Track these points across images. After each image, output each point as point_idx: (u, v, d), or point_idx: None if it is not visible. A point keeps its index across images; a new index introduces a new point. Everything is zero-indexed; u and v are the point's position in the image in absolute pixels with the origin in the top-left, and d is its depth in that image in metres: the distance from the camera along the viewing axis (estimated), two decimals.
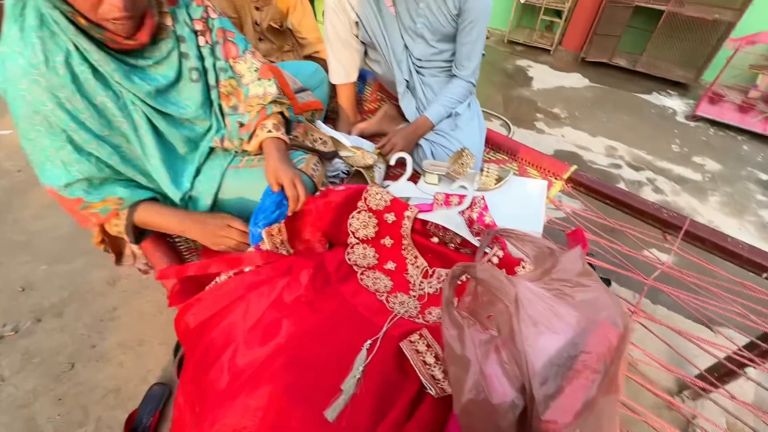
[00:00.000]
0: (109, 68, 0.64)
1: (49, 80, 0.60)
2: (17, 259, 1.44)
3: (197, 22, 0.75)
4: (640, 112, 3.16)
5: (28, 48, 0.58)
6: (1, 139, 2.02)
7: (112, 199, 0.69)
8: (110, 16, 0.58)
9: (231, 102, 0.82)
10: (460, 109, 1.09)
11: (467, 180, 0.84)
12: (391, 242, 0.78)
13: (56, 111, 0.61)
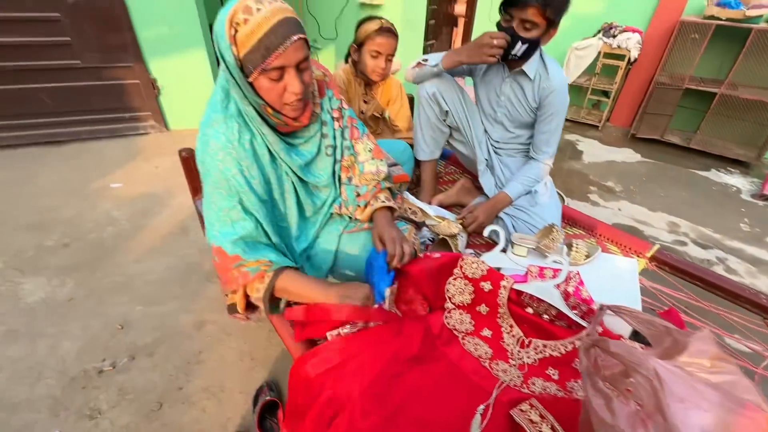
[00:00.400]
0: (277, 147, 0.83)
1: (238, 153, 0.78)
2: (118, 299, 1.61)
3: (335, 110, 0.94)
4: (700, 188, 3.10)
5: (229, 130, 0.78)
6: (113, 192, 2.34)
7: (263, 261, 0.79)
8: (289, 101, 0.77)
9: (348, 174, 0.98)
10: (537, 187, 1.19)
11: (556, 254, 0.89)
12: (487, 310, 0.83)
13: (237, 176, 0.78)
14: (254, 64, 0.71)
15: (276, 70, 0.72)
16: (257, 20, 0.68)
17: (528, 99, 1.16)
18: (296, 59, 0.73)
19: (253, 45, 0.69)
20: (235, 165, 0.78)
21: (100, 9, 2.53)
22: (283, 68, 0.73)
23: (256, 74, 0.72)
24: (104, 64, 2.71)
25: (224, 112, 0.79)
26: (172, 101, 3.03)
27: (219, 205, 0.79)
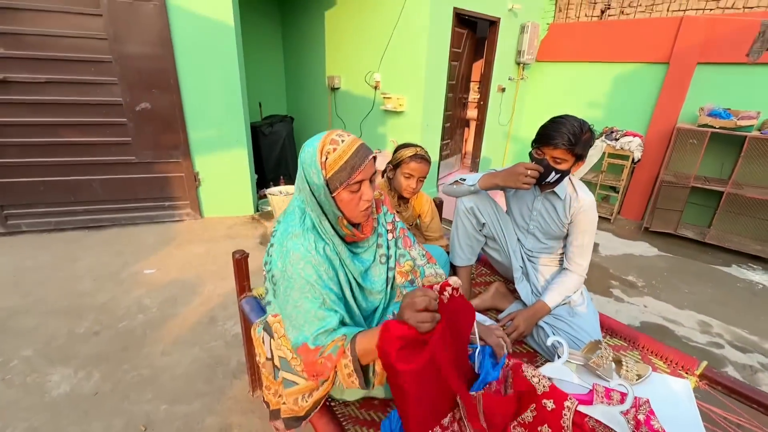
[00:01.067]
0: (344, 255, 0.94)
1: (317, 260, 0.88)
2: (143, 396, 1.57)
3: (389, 224, 1.09)
4: (724, 285, 3.06)
5: (306, 241, 0.89)
6: (145, 278, 2.42)
7: (338, 338, 0.83)
8: (363, 207, 0.90)
9: (409, 277, 1.07)
10: (574, 297, 1.23)
11: (606, 373, 0.89)
12: (549, 431, 0.81)
13: (318, 281, 0.87)
14: (341, 181, 0.87)
15: (357, 184, 0.88)
16: (343, 148, 0.87)
17: (560, 215, 1.27)
18: (370, 173, 0.91)
19: (340, 166, 0.86)
20: (315, 271, 0.87)
21: (162, 114, 2.91)
22: (361, 182, 0.89)
23: (340, 189, 0.87)
24: (156, 159, 3.02)
25: (302, 227, 0.91)
26: (209, 192, 3.28)
27: (306, 308, 0.85)
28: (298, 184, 0.94)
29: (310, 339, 0.84)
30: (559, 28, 4.58)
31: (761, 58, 2.98)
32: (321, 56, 4.69)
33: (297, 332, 0.86)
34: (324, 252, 0.91)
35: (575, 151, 1.15)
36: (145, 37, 2.70)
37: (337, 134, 0.89)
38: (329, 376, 0.84)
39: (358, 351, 0.81)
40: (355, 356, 0.81)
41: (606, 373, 0.91)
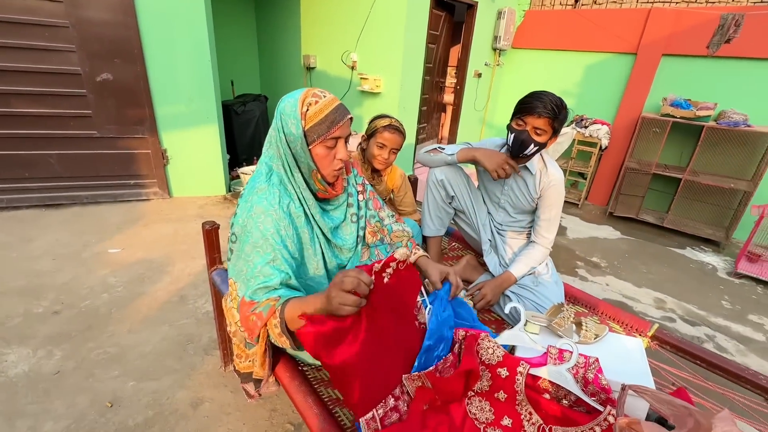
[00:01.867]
0: (314, 210, 0.96)
1: (278, 215, 0.88)
2: (109, 373, 1.53)
3: (359, 185, 1.12)
4: (679, 265, 3.27)
5: (271, 195, 0.89)
6: (110, 257, 2.33)
7: (272, 297, 0.82)
8: (337, 167, 0.93)
9: (378, 237, 1.11)
10: (539, 268, 1.28)
11: (567, 333, 0.95)
12: (505, 396, 0.85)
13: (274, 235, 0.86)
14: (319, 133, 0.88)
15: (333, 140, 0.90)
16: (324, 102, 0.89)
17: (530, 190, 1.32)
18: (346, 133, 0.93)
19: (320, 119, 0.88)
20: (274, 225, 0.87)
21: (125, 86, 2.75)
22: (338, 139, 0.91)
23: (317, 143, 0.89)
24: (119, 135, 2.87)
25: (267, 182, 0.92)
26: (178, 170, 3.16)
27: (254, 263, 0.85)
28: (271, 137, 0.93)
29: (248, 293, 0.83)
30: (534, 16, 4.64)
31: (719, 50, 3.14)
32: (296, 35, 4.55)
33: (243, 286, 0.85)
34: (288, 209, 0.91)
35: (554, 124, 1.19)
36: (106, 2, 2.52)
37: (318, 90, 0.91)
38: (258, 334, 0.83)
39: (286, 315, 0.79)
40: (283, 318, 0.79)
41: (567, 333, 0.97)
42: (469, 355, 0.85)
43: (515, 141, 1.23)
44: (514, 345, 0.96)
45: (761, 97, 3.47)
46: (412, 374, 0.82)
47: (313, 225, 0.97)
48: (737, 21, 2.90)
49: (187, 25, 2.78)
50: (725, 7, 3.50)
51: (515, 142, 1.24)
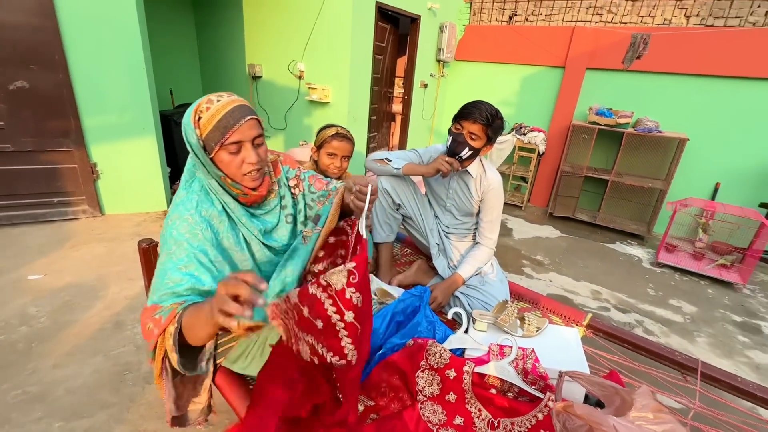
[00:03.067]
0: (239, 213, 0.93)
1: (194, 220, 0.86)
2: (30, 416, 1.36)
3: (293, 179, 1.08)
4: (610, 258, 3.58)
5: (189, 202, 0.87)
6: (30, 284, 2.08)
7: (177, 303, 0.75)
8: (247, 171, 0.88)
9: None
10: (485, 268, 1.35)
11: (511, 328, 1.00)
12: (455, 397, 0.88)
13: (191, 239, 0.84)
14: (215, 141, 0.84)
15: (233, 144, 0.85)
16: (216, 107, 0.85)
17: (472, 193, 1.39)
18: (251, 135, 0.87)
19: (213, 126, 0.84)
20: (188, 230, 0.85)
21: (45, 95, 2.51)
22: (240, 143, 0.86)
23: (216, 149, 0.85)
24: (39, 148, 2.59)
25: (187, 189, 0.91)
26: (111, 185, 2.92)
27: (166, 268, 0.81)
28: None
29: (156, 298, 0.77)
30: (474, 30, 4.91)
31: (633, 65, 3.52)
32: (240, 43, 4.43)
33: (153, 294, 0.79)
34: (207, 214, 0.89)
35: (488, 132, 1.27)
36: (19, 4, 2.29)
37: (216, 95, 0.87)
38: (155, 345, 0.73)
39: (183, 322, 0.71)
40: (180, 324, 0.71)
41: (511, 328, 1.02)
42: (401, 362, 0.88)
43: (453, 142, 1.32)
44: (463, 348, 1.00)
45: (668, 106, 3.94)
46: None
47: (240, 229, 0.94)
48: (645, 40, 3.28)
49: (116, 29, 2.60)
50: (635, 28, 3.95)
51: (452, 144, 1.32)
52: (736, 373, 2.18)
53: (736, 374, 0.98)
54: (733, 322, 2.74)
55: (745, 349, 2.46)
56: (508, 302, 1.08)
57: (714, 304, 2.97)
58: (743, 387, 0.93)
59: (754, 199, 3.69)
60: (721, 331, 2.63)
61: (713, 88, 3.72)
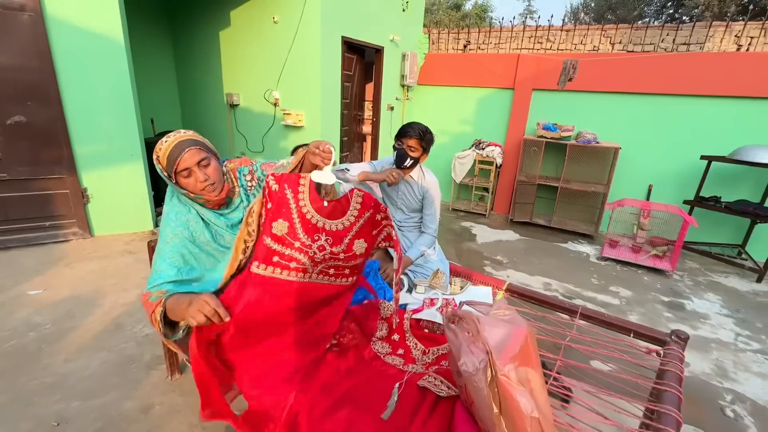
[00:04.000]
0: (208, 215, 1.22)
1: (174, 223, 1.17)
2: (49, 399, 1.57)
3: (247, 175, 1.33)
4: (562, 256, 4.01)
5: (171, 212, 1.19)
6: (31, 298, 2.28)
7: (162, 291, 1.09)
8: (200, 188, 1.15)
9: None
10: (429, 251, 1.71)
11: (442, 288, 1.33)
12: (398, 337, 1.20)
13: (173, 239, 1.15)
14: (170, 171, 1.12)
15: (184, 171, 1.12)
16: (165, 147, 1.12)
17: (415, 193, 1.76)
18: (194, 162, 1.12)
19: (166, 161, 1.11)
20: (172, 232, 1.16)
21: (40, 128, 2.75)
22: (188, 169, 1.12)
23: (174, 177, 1.13)
24: (33, 176, 2.81)
25: (170, 202, 1.21)
26: (100, 208, 3.14)
27: (158, 263, 1.14)
28: None
29: (149, 286, 1.12)
30: (433, 58, 5.45)
31: (566, 86, 4.07)
32: (218, 74, 4.78)
33: (148, 282, 1.14)
34: (185, 219, 1.18)
35: (422, 144, 1.67)
36: (18, 48, 2.57)
37: (167, 135, 1.14)
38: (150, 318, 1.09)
39: (168, 305, 1.05)
40: (164, 308, 1.05)
41: (442, 288, 1.36)
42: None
43: (397, 155, 1.72)
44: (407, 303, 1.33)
45: (604, 120, 4.51)
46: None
47: (212, 227, 1.23)
48: (574, 65, 3.83)
49: (107, 67, 2.89)
50: (569, 54, 4.55)
51: (397, 156, 1.72)
52: None
53: (605, 312, 1.34)
54: (661, 302, 3.18)
55: (668, 322, 2.88)
56: (439, 270, 1.42)
57: (647, 288, 3.42)
58: (608, 320, 1.30)
59: (680, 197, 4.24)
60: (651, 309, 3.05)
61: (639, 104, 4.32)
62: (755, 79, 3.73)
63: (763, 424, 1.99)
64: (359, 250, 1.04)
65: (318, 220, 1.07)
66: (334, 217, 1.06)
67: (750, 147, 3.65)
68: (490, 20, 15.94)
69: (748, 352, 2.61)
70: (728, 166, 3.95)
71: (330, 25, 3.85)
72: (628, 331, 1.30)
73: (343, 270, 1.05)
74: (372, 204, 1.08)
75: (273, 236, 1.05)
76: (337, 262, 1.05)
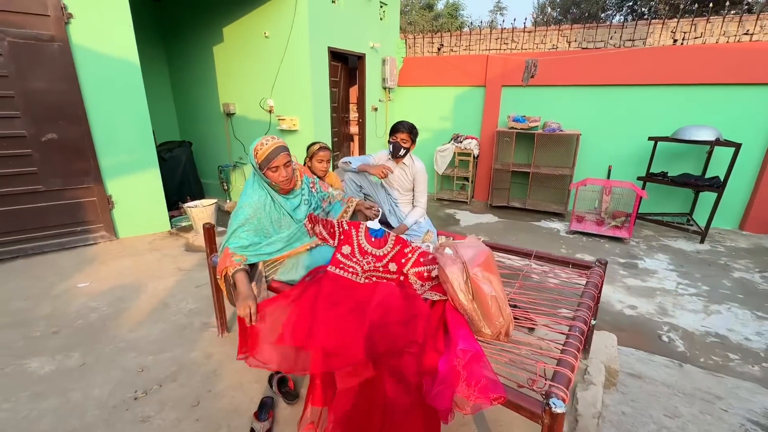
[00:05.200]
0: (278, 198, 1.69)
1: (257, 205, 1.63)
2: (127, 356, 1.97)
3: (311, 182, 1.86)
4: (535, 232, 4.54)
5: (252, 193, 1.65)
6: (82, 290, 2.64)
7: (243, 257, 1.60)
8: (280, 180, 1.63)
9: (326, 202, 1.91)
10: (421, 220, 2.20)
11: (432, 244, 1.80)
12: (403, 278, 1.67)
13: (251, 219, 1.62)
14: (263, 165, 1.61)
15: (274, 167, 1.61)
16: (263, 149, 1.60)
17: (407, 175, 2.26)
18: (282, 162, 1.62)
19: (264, 157, 1.60)
20: (252, 211, 1.64)
21: (70, 144, 3.10)
22: (277, 167, 1.61)
23: (266, 170, 1.61)
24: (66, 186, 3.16)
25: (252, 186, 1.69)
26: (124, 213, 3.50)
27: (238, 230, 1.63)
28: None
29: (231, 247, 1.61)
30: (411, 61, 5.93)
31: (531, 82, 4.60)
32: (213, 86, 5.14)
33: (229, 240, 1.63)
34: (262, 200, 1.66)
35: (411, 136, 2.19)
36: (50, 75, 2.92)
37: (266, 138, 1.64)
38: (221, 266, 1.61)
39: (235, 277, 1.56)
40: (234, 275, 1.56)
41: (432, 243, 1.82)
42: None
43: (393, 148, 2.22)
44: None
45: (565, 110, 5.07)
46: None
47: (279, 207, 1.71)
48: (535, 63, 4.37)
49: (125, 88, 3.26)
50: (530, 54, 5.09)
51: (393, 148, 2.23)
52: (613, 294, 3.07)
53: (551, 253, 1.84)
54: (618, 263, 3.73)
55: (623, 278, 3.43)
56: (429, 231, 1.89)
57: (608, 253, 3.97)
58: (553, 257, 1.79)
59: (635, 174, 4.82)
60: (609, 270, 3.59)
61: (594, 95, 4.89)
62: (690, 69, 4.33)
63: (689, 344, 2.54)
64: (392, 268, 1.63)
65: (367, 248, 1.67)
66: (377, 247, 1.67)
67: (688, 127, 4.25)
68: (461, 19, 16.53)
69: (685, 295, 3.17)
70: (673, 145, 4.55)
71: (317, 38, 4.28)
72: (567, 264, 1.80)
73: (381, 279, 1.61)
74: (401, 242, 1.69)
75: (342, 254, 1.67)
76: (377, 273, 1.63)
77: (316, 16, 4.21)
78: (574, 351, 1.12)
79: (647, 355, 2.37)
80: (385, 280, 1.57)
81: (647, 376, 2.10)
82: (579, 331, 1.21)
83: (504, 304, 1.24)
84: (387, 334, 1.22)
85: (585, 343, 1.81)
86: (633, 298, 3.10)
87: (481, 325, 1.24)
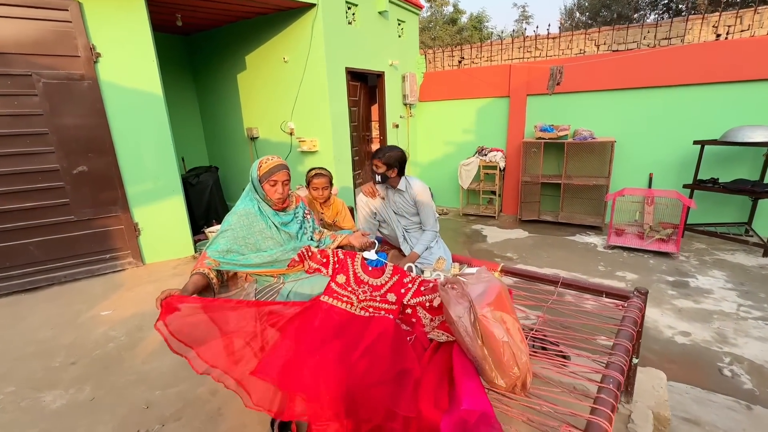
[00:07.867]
0: (268, 213, 1.66)
1: (242, 210, 1.61)
2: (136, 390, 1.94)
3: (307, 210, 1.83)
4: (569, 248, 4.23)
5: (241, 205, 1.64)
6: (104, 318, 2.69)
7: (216, 262, 1.60)
8: (276, 197, 1.64)
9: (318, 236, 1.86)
10: (432, 244, 2.06)
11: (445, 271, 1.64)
12: (411, 311, 1.52)
13: (238, 221, 1.59)
14: (265, 178, 1.65)
15: (273, 182, 1.65)
16: (268, 163, 1.67)
17: (407, 201, 2.20)
18: (282, 179, 1.67)
19: (266, 171, 1.65)
20: (236, 218, 1.65)
21: (99, 175, 3.24)
22: (276, 182, 1.65)
23: (265, 183, 1.64)
24: (95, 216, 3.29)
25: (243, 200, 1.72)
26: (149, 239, 3.59)
27: (217, 237, 1.66)
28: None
29: (208, 252, 1.64)
30: (431, 76, 5.85)
31: (557, 89, 4.37)
32: (238, 112, 5.30)
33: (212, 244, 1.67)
34: (249, 209, 1.65)
35: (383, 162, 2.09)
36: (80, 111, 3.08)
37: (269, 157, 1.70)
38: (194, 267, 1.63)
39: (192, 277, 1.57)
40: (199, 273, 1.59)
41: (444, 271, 1.67)
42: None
43: (372, 173, 2.16)
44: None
45: (598, 117, 4.76)
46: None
47: (266, 217, 1.69)
48: (560, 70, 4.14)
49: (150, 120, 3.39)
50: (555, 60, 4.86)
51: (372, 174, 2.16)
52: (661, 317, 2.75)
53: (580, 278, 1.63)
54: (666, 282, 3.36)
55: (672, 299, 3.07)
56: (441, 257, 1.74)
57: (653, 270, 3.60)
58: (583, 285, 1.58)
59: (680, 181, 4.41)
60: (656, 289, 3.24)
61: (628, 98, 4.56)
62: (738, 64, 3.94)
63: (758, 380, 2.18)
64: (391, 298, 1.54)
65: (363, 277, 1.61)
66: (375, 276, 1.60)
67: (738, 128, 3.84)
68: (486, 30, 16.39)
69: (749, 319, 2.77)
70: (722, 149, 4.13)
71: (334, 59, 4.30)
72: (600, 293, 1.57)
73: (378, 311, 1.50)
74: (399, 271, 1.62)
75: (336, 283, 1.60)
76: (374, 302, 1.53)
77: (332, 37, 4.24)
78: (608, 411, 0.92)
79: (706, 394, 2.05)
80: (383, 312, 1.43)
81: (706, 422, 1.80)
82: (614, 384, 1.01)
83: (520, 352, 1.07)
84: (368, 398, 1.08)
85: (627, 385, 1.57)
86: (685, 323, 2.74)
87: (493, 376, 1.07)
